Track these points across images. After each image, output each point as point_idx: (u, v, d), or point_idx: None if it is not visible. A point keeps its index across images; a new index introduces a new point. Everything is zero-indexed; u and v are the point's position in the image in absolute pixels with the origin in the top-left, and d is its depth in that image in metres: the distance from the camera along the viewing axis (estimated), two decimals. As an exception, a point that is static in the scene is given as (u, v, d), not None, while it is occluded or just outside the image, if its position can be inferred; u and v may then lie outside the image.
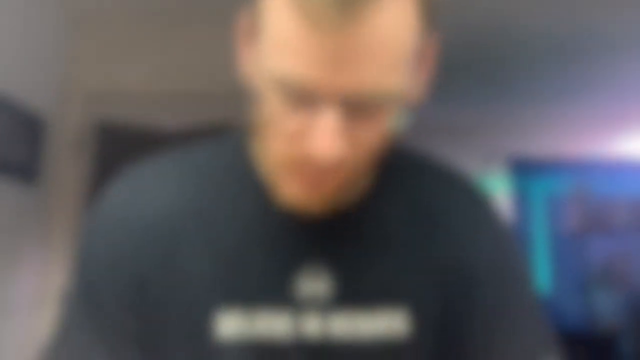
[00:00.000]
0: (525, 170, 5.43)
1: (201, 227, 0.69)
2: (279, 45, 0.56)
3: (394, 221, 0.71)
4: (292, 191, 0.63)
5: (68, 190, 2.59)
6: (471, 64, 3.50)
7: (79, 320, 0.70)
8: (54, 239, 2.54)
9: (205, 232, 0.68)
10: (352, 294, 0.68)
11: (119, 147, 2.61)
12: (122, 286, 0.68)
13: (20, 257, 2.35)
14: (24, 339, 2.35)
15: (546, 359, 0.72)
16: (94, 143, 2.64)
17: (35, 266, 2.46)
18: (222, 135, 0.77)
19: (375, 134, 0.60)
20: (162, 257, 0.68)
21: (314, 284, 0.68)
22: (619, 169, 5.42)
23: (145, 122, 2.65)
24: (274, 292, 0.67)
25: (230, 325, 0.67)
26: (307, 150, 0.59)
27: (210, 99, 2.64)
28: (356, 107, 0.58)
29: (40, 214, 2.50)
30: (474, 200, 0.75)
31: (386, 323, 0.68)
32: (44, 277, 2.49)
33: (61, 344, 0.70)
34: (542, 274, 5.29)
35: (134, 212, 0.69)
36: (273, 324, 0.67)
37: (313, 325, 0.67)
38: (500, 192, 5.57)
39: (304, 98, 0.57)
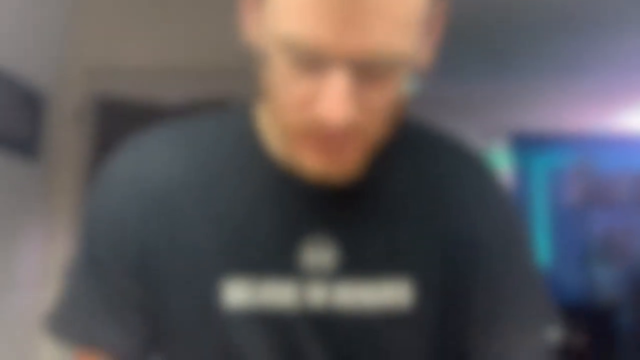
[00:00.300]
0: (526, 145, 5.42)
1: (206, 195, 0.69)
2: (286, 7, 0.56)
3: (399, 192, 0.71)
4: (309, 160, 0.62)
5: (69, 165, 2.59)
6: (473, 37, 3.48)
7: (84, 288, 0.70)
8: (55, 214, 2.55)
9: (210, 201, 0.68)
10: (357, 264, 0.68)
11: (119, 122, 2.60)
12: (127, 253, 0.68)
13: (22, 232, 2.36)
14: (27, 315, 2.37)
15: (547, 328, 0.73)
16: (94, 118, 2.63)
17: (37, 241, 2.47)
18: (226, 108, 0.76)
19: (385, 97, 0.59)
20: (167, 224, 0.68)
21: (318, 253, 0.68)
22: (621, 144, 5.41)
23: (146, 97, 2.64)
24: (280, 262, 0.67)
25: (237, 294, 0.67)
26: (317, 114, 0.58)
27: (211, 74, 2.62)
28: (366, 70, 0.57)
29: (41, 189, 2.50)
30: (478, 172, 0.75)
31: (390, 293, 0.68)
32: (46, 252, 2.51)
33: (66, 311, 0.71)
34: (543, 248, 5.31)
35: (139, 179, 0.69)
36: (278, 293, 0.67)
37: (318, 295, 0.67)
38: (501, 166, 5.56)
39: (312, 61, 0.56)
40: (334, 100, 0.56)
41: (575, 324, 4.81)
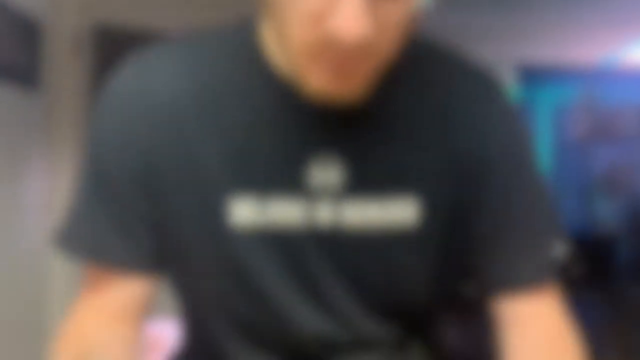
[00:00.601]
0: (532, 78, 5.35)
1: (210, 111, 0.67)
2: None
3: (407, 110, 0.70)
4: (319, 80, 0.61)
5: (68, 94, 2.56)
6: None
7: (92, 203, 0.70)
8: (56, 144, 2.54)
9: (214, 117, 0.67)
10: (363, 183, 0.68)
11: (117, 50, 2.55)
12: (133, 166, 0.68)
13: (24, 164, 2.36)
14: (31, 247, 2.39)
15: (553, 242, 0.75)
16: (92, 47, 2.59)
17: (39, 171, 2.48)
18: (232, 27, 0.74)
19: (400, 12, 0.58)
20: (172, 138, 0.67)
21: (325, 172, 0.67)
22: (627, 77, 5.34)
23: (145, 25, 2.58)
24: (286, 180, 0.67)
25: (243, 211, 0.67)
26: (331, 30, 0.56)
27: (211, 0, 2.56)
28: None
29: (42, 120, 2.49)
30: (487, 90, 0.73)
31: (397, 211, 0.68)
32: (48, 182, 2.51)
33: (75, 226, 0.71)
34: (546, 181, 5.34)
35: (144, 93, 0.68)
36: (285, 212, 0.67)
37: (324, 213, 0.67)
38: (506, 99, 5.51)
39: None
40: (349, 16, 0.54)
41: (576, 254, 4.89)
